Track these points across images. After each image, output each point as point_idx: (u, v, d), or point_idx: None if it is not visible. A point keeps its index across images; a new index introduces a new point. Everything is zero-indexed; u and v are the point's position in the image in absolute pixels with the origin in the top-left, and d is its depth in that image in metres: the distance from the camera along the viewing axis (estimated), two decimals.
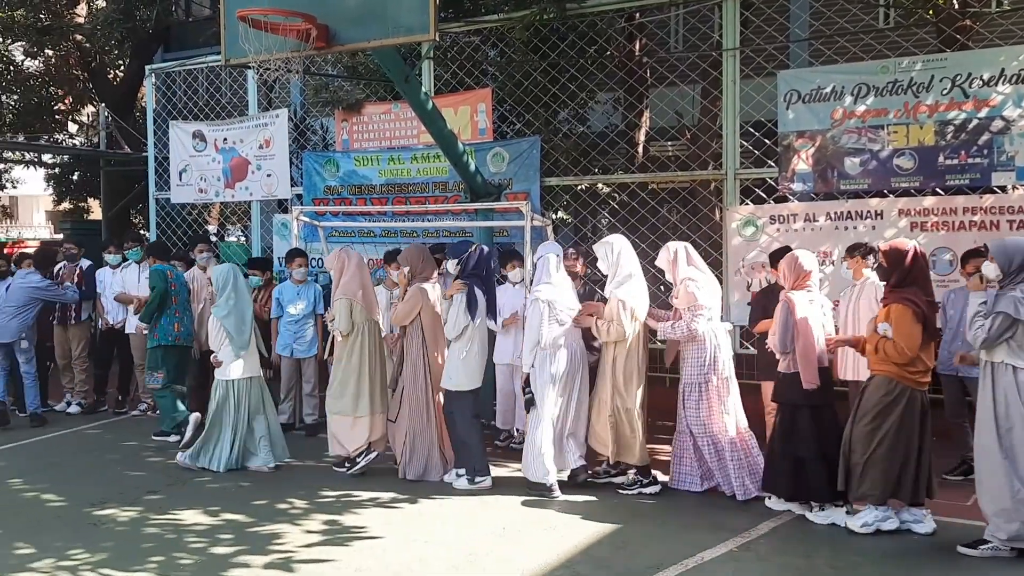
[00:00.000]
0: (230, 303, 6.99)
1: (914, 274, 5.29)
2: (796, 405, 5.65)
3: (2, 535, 5.39)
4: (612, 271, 6.29)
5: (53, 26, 14.95)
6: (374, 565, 4.91)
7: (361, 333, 6.76)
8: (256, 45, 6.53)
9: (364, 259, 7.21)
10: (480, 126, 9.83)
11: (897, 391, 5.26)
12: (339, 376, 6.75)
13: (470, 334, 6.42)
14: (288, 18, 6.30)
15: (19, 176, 17.81)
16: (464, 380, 6.43)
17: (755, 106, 8.38)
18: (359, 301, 6.76)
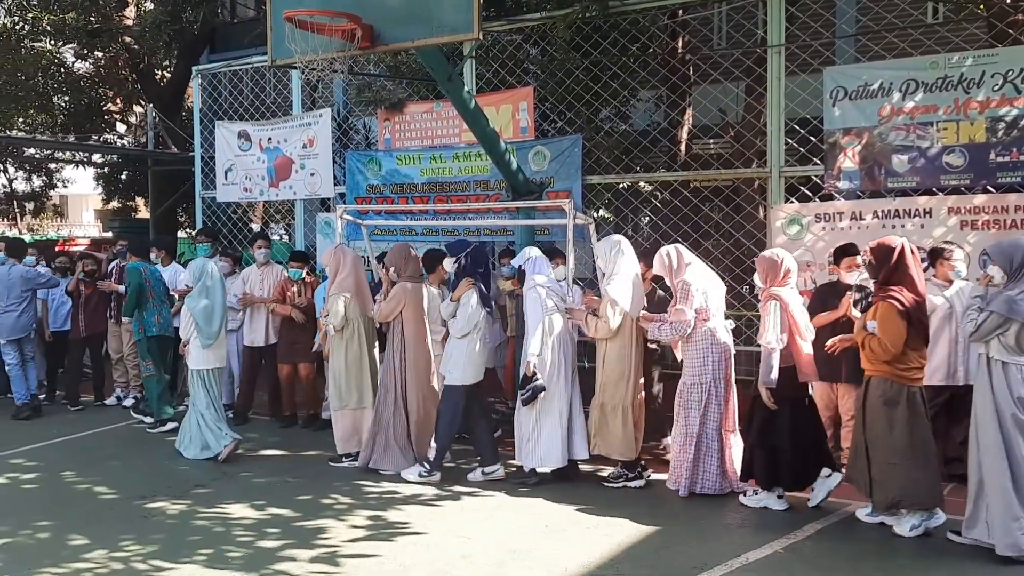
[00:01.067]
0: (202, 296, 7.30)
1: (901, 271, 5.31)
2: (781, 398, 5.70)
3: (58, 526, 5.52)
4: (609, 269, 6.40)
5: (103, 28, 15.24)
6: (418, 561, 4.95)
7: (356, 329, 7.01)
8: (302, 46, 6.60)
9: (360, 258, 7.48)
10: (522, 124, 9.85)
11: (893, 391, 5.27)
12: (345, 370, 6.98)
13: (482, 329, 6.60)
14: (334, 19, 6.36)
15: (70, 176, 18.18)
16: (471, 374, 6.60)
17: (800, 103, 8.29)
18: (353, 298, 7.00)
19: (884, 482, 5.27)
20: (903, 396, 5.25)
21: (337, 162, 11.29)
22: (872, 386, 5.37)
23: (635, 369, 6.35)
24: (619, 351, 6.32)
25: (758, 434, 5.84)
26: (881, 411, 5.29)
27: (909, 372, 5.27)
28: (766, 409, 5.75)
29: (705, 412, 6.08)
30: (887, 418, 5.27)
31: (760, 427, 5.83)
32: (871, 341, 5.29)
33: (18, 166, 16.47)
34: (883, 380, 5.30)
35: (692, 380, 6.14)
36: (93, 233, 24.97)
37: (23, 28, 14.95)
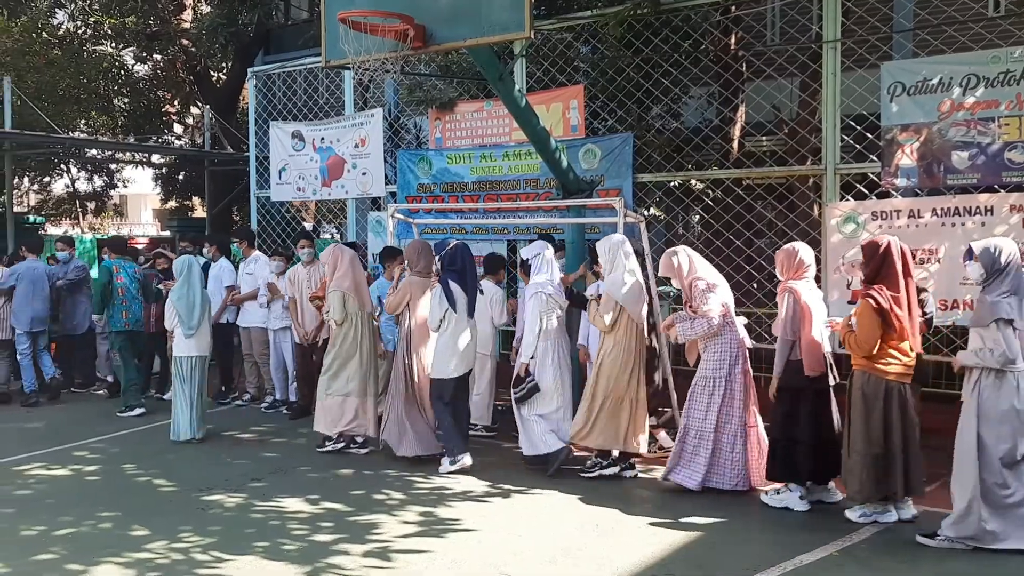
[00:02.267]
0: (183, 290, 7.88)
1: (884, 269, 5.42)
2: (797, 390, 5.77)
3: (120, 517, 5.68)
4: (608, 267, 6.56)
5: (161, 32, 15.60)
6: (470, 557, 4.98)
7: (354, 323, 7.38)
8: (355, 46, 6.68)
9: (358, 256, 7.93)
10: (572, 123, 9.84)
11: (872, 384, 5.40)
12: (335, 361, 7.35)
13: (452, 326, 6.84)
14: (387, 19, 6.43)
15: (130, 176, 18.65)
16: (446, 368, 6.85)
17: (856, 99, 8.14)
18: (351, 294, 7.38)
19: (857, 472, 5.41)
20: (881, 390, 5.37)
21: (388, 161, 11.40)
22: (854, 379, 5.53)
23: (637, 364, 6.49)
24: (617, 345, 6.47)
25: (777, 427, 5.92)
26: (860, 404, 5.43)
27: (887, 367, 5.38)
28: (786, 402, 5.81)
29: (720, 407, 6.11)
30: (864, 411, 5.40)
31: (779, 420, 5.89)
32: (850, 337, 5.47)
33: (80, 167, 16.91)
34: (862, 373, 5.46)
35: (708, 375, 6.19)
36: (151, 232, 25.56)
37: (85, 32, 15.37)
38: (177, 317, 7.84)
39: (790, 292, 5.85)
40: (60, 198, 16.99)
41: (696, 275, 6.32)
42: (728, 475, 6.12)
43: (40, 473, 6.82)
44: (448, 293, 6.86)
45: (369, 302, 7.61)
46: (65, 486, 6.50)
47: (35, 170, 15.29)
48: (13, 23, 13.95)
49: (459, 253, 7.05)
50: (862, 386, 5.45)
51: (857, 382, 5.49)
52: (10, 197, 13.12)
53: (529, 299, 6.84)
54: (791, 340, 5.79)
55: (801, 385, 5.77)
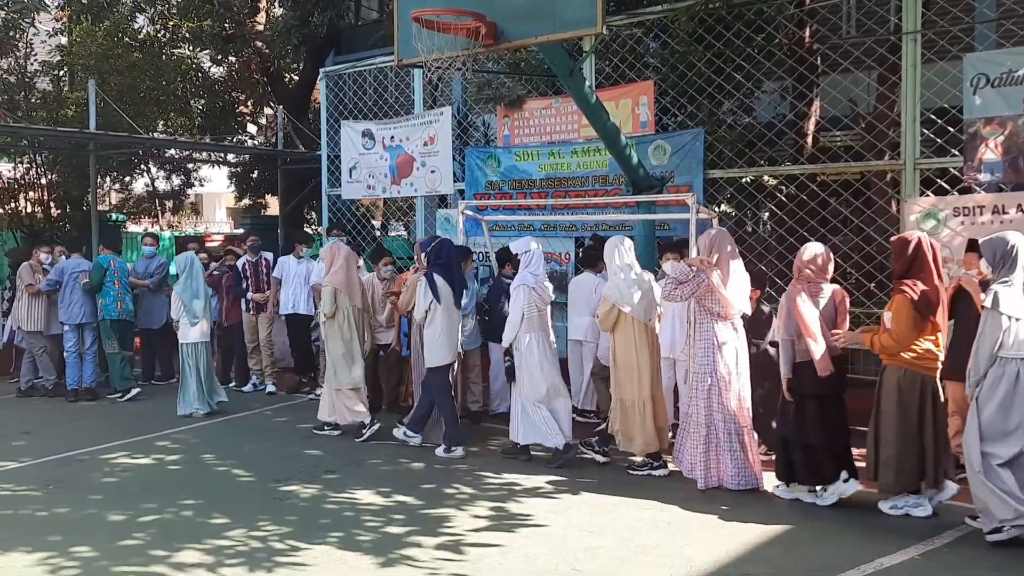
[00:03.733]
0: (188, 282, 8.86)
1: (917, 264, 5.47)
2: (805, 394, 5.78)
3: (201, 505, 5.84)
4: (608, 268, 6.78)
5: (236, 34, 15.97)
6: (543, 552, 4.99)
7: (346, 316, 7.79)
8: (428, 45, 6.74)
9: (355, 255, 8.37)
10: (642, 119, 9.77)
11: (908, 379, 5.44)
12: (336, 355, 7.75)
13: (437, 317, 7.27)
14: (459, 17, 6.48)
15: (206, 175, 19.13)
16: (438, 357, 7.29)
17: (937, 92, 7.91)
18: (344, 289, 7.77)
19: (894, 466, 5.44)
20: (917, 385, 5.43)
21: (456, 159, 11.48)
22: (887, 374, 5.55)
23: (646, 364, 6.55)
24: (625, 348, 6.57)
25: (779, 427, 6.05)
26: (895, 398, 5.45)
27: (923, 361, 5.43)
28: (790, 403, 5.86)
29: (717, 405, 6.18)
30: (900, 405, 5.44)
31: (782, 420, 6.00)
32: (881, 338, 5.50)
33: (159, 166, 17.43)
34: (898, 368, 5.48)
35: (701, 370, 6.24)
36: (225, 229, 26.20)
37: (164, 36, 15.82)
38: (183, 307, 8.77)
39: (787, 294, 5.92)
40: (140, 197, 17.53)
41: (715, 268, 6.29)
42: (731, 474, 6.14)
43: (125, 462, 7.06)
44: (433, 285, 7.29)
45: (360, 297, 7.99)
46: (148, 474, 6.72)
47: (116, 170, 15.80)
48: (97, 27, 14.43)
49: (444, 247, 7.55)
50: (898, 380, 5.47)
51: (892, 377, 5.52)
52: (94, 196, 13.59)
53: (514, 291, 7.11)
54: (789, 340, 5.83)
55: (804, 389, 5.79)
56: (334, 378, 7.77)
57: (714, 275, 6.22)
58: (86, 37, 14.17)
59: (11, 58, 14.67)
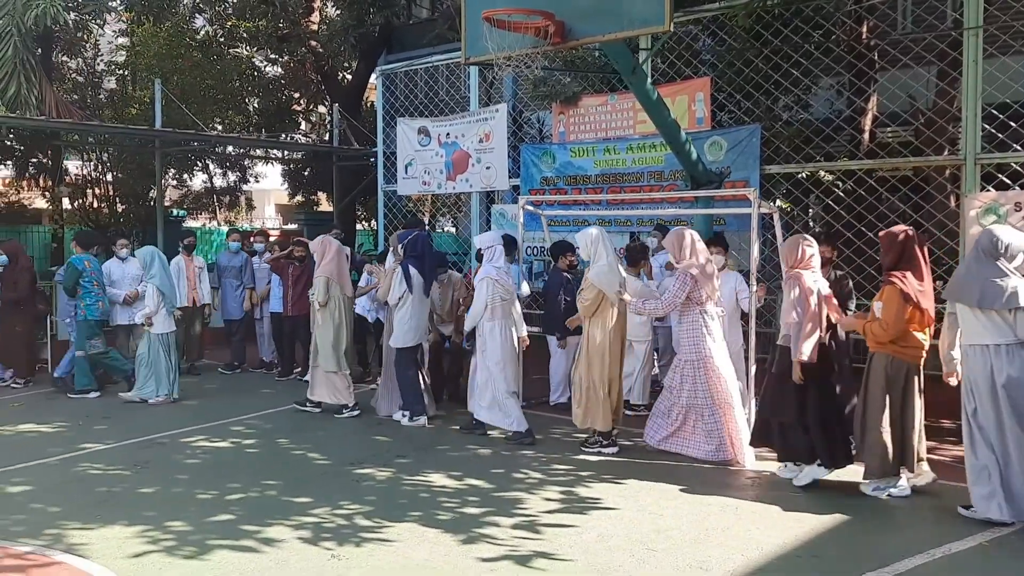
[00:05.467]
0: (163, 276, 9.21)
1: (906, 256, 5.69)
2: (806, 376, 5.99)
3: (283, 486, 6.10)
4: (592, 259, 7.08)
5: (291, 34, 16.31)
6: (616, 532, 5.16)
7: (337, 304, 8.42)
8: (497, 43, 6.94)
9: (344, 248, 9.01)
10: (698, 115, 9.89)
11: (895, 366, 5.69)
12: (326, 340, 8.35)
13: (408, 303, 8.02)
14: (529, 16, 6.66)
15: (261, 171, 19.55)
16: (409, 338, 8.04)
17: (999, 87, 7.93)
18: (335, 279, 8.40)
19: (879, 450, 5.70)
20: (903, 373, 5.68)
21: (511, 155, 11.68)
22: (875, 361, 5.78)
23: (617, 349, 7.05)
24: (603, 333, 6.99)
25: (770, 410, 6.27)
26: (882, 384, 5.70)
27: (910, 351, 5.67)
28: (797, 388, 6.04)
29: (700, 385, 6.74)
30: (886, 392, 5.68)
31: (776, 403, 6.21)
32: (871, 326, 5.73)
33: (217, 163, 17.86)
34: (885, 356, 5.72)
35: (687, 357, 6.81)
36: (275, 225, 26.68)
37: (222, 36, 16.21)
38: (162, 299, 9.07)
39: (794, 280, 6.09)
40: (198, 193, 17.97)
41: (690, 260, 6.85)
42: (703, 446, 6.74)
43: (205, 445, 7.36)
44: (407, 275, 8.01)
45: (348, 286, 8.64)
46: (228, 457, 7.00)
47: (175, 167, 16.23)
48: (159, 28, 14.85)
49: (419, 241, 8.22)
50: (885, 368, 5.71)
51: (879, 364, 5.75)
52: (160, 192, 14.03)
53: (479, 283, 7.64)
54: (798, 323, 6.02)
55: (808, 375, 5.99)
56: (323, 361, 8.37)
57: (694, 269, 6.80)
58: (148, 38, 14.58)
59: (80, 58, 15.14)
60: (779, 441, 6.26)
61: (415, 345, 8.17)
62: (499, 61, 6.94)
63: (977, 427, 5.35)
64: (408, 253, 8.15)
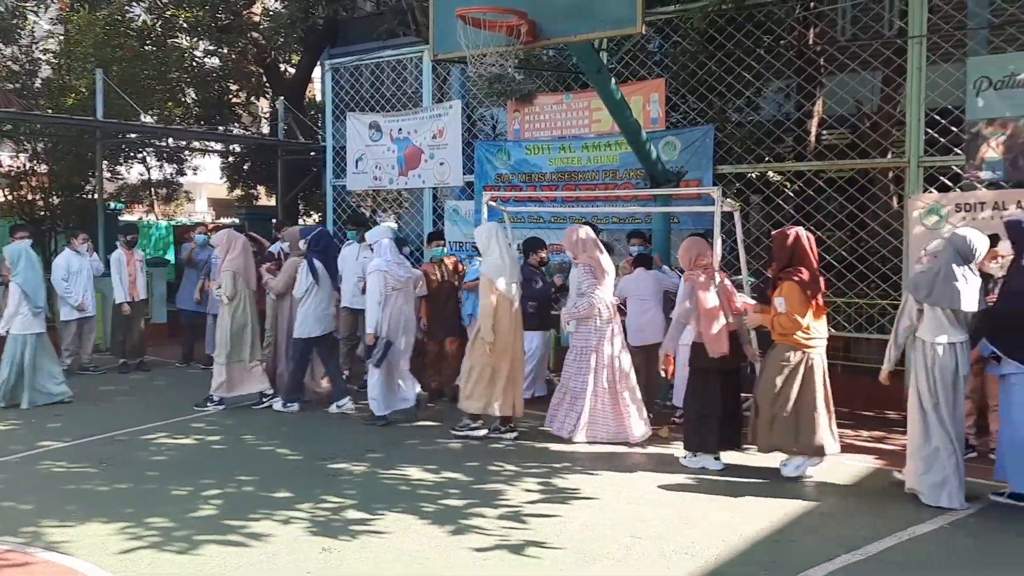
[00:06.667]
0: (29, 274, 8.71)
1: (797, 255, 6.13)
2: (705, 370, 6.45)
3: (259, 481, 6.06)
4: (485, 252, 7.43)
5: (232, 24, 16.02)
6: (599, 521, 5.30)
7: (243, 299, 8.50)
8: (470, 41, 7.01)
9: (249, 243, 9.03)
10: (652, 115, 10.09)
11: (794, 356, 6.09)
12: (231, 332, 8.44)
13: (312, 296, 8.35)
14: (504, 15, 6.74)
15: (199, 164, 19.13)
16: (316, 329, 8.40)
17: (941, 93, 8.32)
18: (242, 273, 8.51)
19: (765, 430, 6.15)
20: (800, 361, 6.08)
21: (465, 152, 11.73)
22: (776, 350, 6.20)
23: (512, 338, 7.30)
24: (500, 322, 7.21)
25: (686, 402, 6.71)
26: (777, 371, 6.10)
27: (810, 341, 6.09)
28: (697, 381, 6.52)
29: (594, 372, 7.12)
30: (778, 376, 6.09)
31: (688, 396, 6.66)
32: (779, 318, 6.11)
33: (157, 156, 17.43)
34: (786, 346, 6.12)
35: (580, 345, 7.21)
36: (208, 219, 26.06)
37: (161, 25, 15.80)
38: (24, 298, 8.61)
39: (690, 281, 6.51)
40: (134, 186, 17.50)
41: (592, 254, 7.24)
42: (601, 430, 7.15)
43: (168, 441, 7.24)
44: (313, 269, 8.34)
45: (254, 280, 8.77)
46: (196, 453, 6.91)
47: (109, 159, 15.78)
48: (96, 16, 14.42)
49: (323, 237, 8.77)
50: (786, 356, 6.12)
51: (780, 352, 6.16)
52: (100, 184, 13.63)
53: (369, 277, 7.97)
54: (683, 324, 6.58)
55: (709, 366, 6.41)
56: (232, 353, 8.43)
57: (583, 268, 7.22)
58: (85, 26, 14.15)
59: (15, 46, 14.60)
60: (716, 434, 6.51)
61: (318, 336, 8.47)
62: (472, 58, 7.00)
63: (938, 420, 5.61)
64: (312, 248, 8.51)
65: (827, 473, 6.35)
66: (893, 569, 4.62)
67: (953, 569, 4.66)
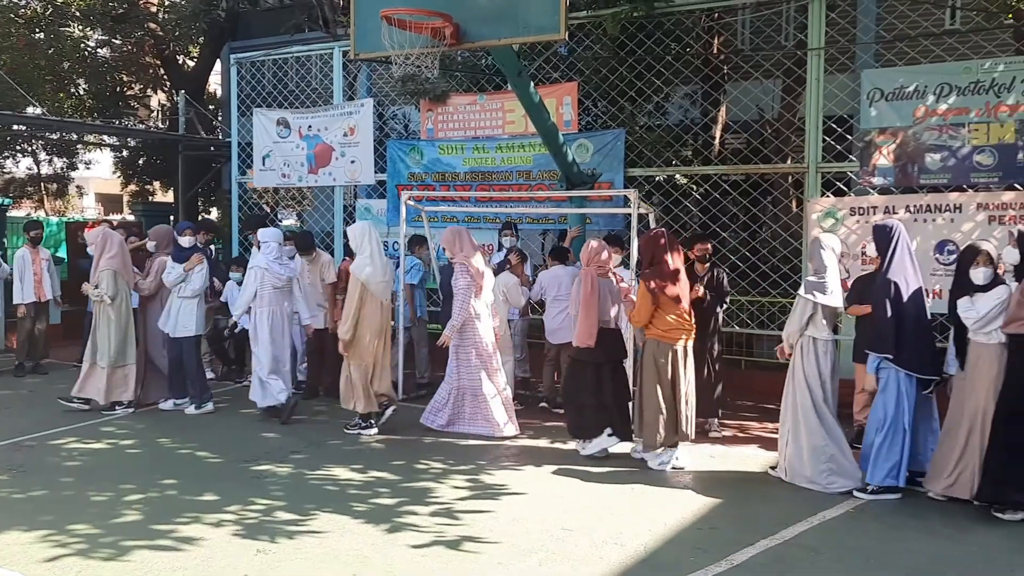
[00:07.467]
0: None
1: (658, 254, 6.60)
2: (582, 361, 6.83)
3: (181, 484, 5.94)
4: (357, 250, 7.60)
5: (128, 14, 15.47)
6: (531, 515, 5.43)
7: (123, 298, 8.36)
8: (391, 41, 7.04)
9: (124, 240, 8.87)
10: (565, 118, 10.30)
11: (661, 349, 6.51)
12: (116, 335, 8.25)
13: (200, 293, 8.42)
14: (429, 17, 6.80)
15: (92, 158, 18.37)
16: (200, 327, 8.42)
17: (836, 103, 8.81)
18: (121, 272, 8.33)
19: (654, 424, 6.49)
20: (668, 353, 6.48)
21: (376, 150, 11.68)
22: (646, 347, 6.64)
23: (375, 335, 7.48)
24: (369, 321, 7.44)
25: (565, 393, 7.12)
26: (652, 366, 6.51)
27: (671, 334, 6.51)
28: (577, 372, 6.87)
29: (472, 368, 7.46)
30: (656, 372, 6.50)
31: (565, 386, 7.13)
32: (632, 314, 6.68)
33: (46, 149, 16.65)
34: (653, 341, 6.57)
35: (464, 343, 7.50)
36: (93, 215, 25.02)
37: (50, 13, 15.15)
38: None
39: (584, 275, 6.84)
40: (22, 180, 16.66)
41: (467, 255, 7.52)
42: (468, 422, 7.50)
43: (79, 446, 7.00)
44: (212, 268, 8.49)
45: (132, 279, 8.52)
46: (111, 458, 6.71)
47: None
48: None
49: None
50: (653, 351, 6.53)
51: (649, 348, 6.57)
52: None
53: (249, 271, 8.20)
54: (575, 315, 6.84)
55: (583, 357, 6.78)
56: (109, 356, 8.20)
57: (459, 268, 7.52)
58: None
59: None
60: (573, 419, 6.93)
61: (199, 335, 8.53)
62: (397, 59, 7.03)
63: (819, 416, 6.11)
64: (201, 246, 8.58)
65: (737, 462, 6.69)
66: (808, 552, 4.92)
67: (861, 549, 4.99)
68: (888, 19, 9.97)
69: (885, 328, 5.95)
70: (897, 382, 5.93)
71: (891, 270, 6.05)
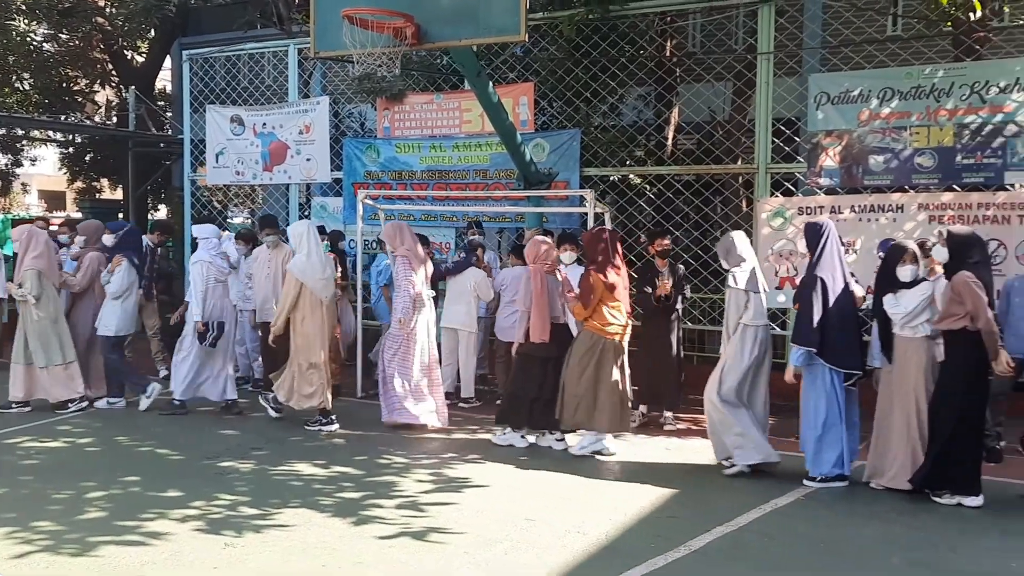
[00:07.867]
0: None
1: (602, 253, 6.87)
2: (532, 356, 7.09)
3: (143, 481, 5.93)
4: (297, 249, 7.73)
5: (76, 8, 15.21)
6: (493, 507, 5.56)
7: (50, 296, 8.26)
8: (352, 40, 7.09)
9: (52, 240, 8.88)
10: (522, 118, 10.42)
11: (593, 341, 6.79)
12: (39, 333, 8.13)
13: (132, 291, 8.40)
14: (391, 17, 6.87)
15: (38, 154, 17.99)
16: (124, 327, 8.38)
17: (785, 106, 9.09)
18: (47, 271, 8.23)
19: (571, 407, 6.79)
20: (599, 345, 6.76)
21: (332, 148, 11.69)
22: (580, 336, 6.92)
23: (321, 334, 7.62)
24: (304, 319, 7.57)
25: (509, 384, 7.37)
26: (582, 356, 6.79)
27: (607, 327, 6.78)
28: (519, 364, 7.16)
29: (405, 359, 7.62)
30: (583, 360, 6.77)
31: (510, 376, 7.38)
32: (575, 304, 6.90)
33: None
34: (589, 334, 6.83)
35: (396, 333, 7.67)
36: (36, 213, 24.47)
37: None
38: None
39: (533, 272, 7.08)
40: None
41: (406, 249, 7.71)
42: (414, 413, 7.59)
43: (35, 445, 6.93)
44: (135, 266, 8.42)
45: (56, 277, 8.44)
46: (69, 456, 6.67)
47: None
48: None
49: (133, 233, 8.83)
50: (585, 341, 6.82)
51: (583, 338, 6.86)
52: None
53: (193, 267, 8.23)
54: (526, 311, 7.10)
55: (532, 351, 7.04)
56: (44, 356, 8.11)
57: (401, 260, 7.71)
58: None
59: None
60: (527, 414, 7.10)
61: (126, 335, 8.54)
62: (360, 57, 7.09)
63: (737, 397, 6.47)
64: (125, 245, 8.47)
65: (692, 454, 6.90)
66: (762, 538, 5.13)
67: (812, 534, 5.21)
68: (834, 25, 10.28)
69: (810, 322, 6.15)
70: (824, 377, 6.15)
71: (819, 266, 6.25)
